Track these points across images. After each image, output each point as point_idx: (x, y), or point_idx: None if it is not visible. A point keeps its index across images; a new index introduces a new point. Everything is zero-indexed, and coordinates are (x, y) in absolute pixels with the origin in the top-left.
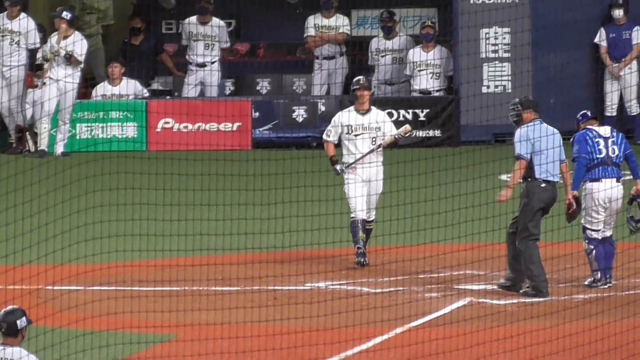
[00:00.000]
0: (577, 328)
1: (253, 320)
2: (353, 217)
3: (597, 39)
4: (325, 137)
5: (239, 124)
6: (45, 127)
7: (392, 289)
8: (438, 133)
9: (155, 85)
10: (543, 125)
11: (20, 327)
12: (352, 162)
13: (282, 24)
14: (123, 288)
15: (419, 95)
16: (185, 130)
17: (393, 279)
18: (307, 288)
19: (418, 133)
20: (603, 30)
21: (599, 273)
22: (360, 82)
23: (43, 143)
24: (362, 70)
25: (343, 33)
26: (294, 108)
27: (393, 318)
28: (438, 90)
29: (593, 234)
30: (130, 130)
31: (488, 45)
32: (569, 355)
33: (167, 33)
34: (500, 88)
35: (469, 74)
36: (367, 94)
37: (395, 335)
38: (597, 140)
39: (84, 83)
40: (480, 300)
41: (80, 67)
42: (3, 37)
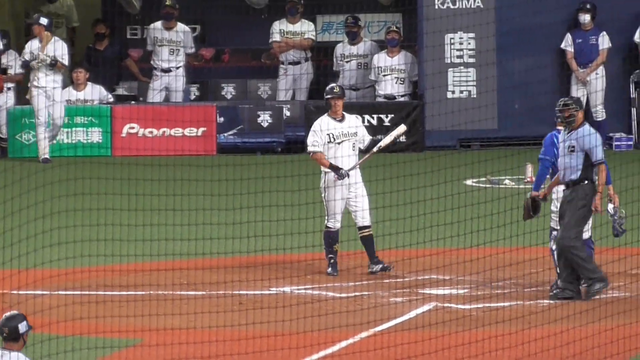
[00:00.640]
0: (542, 333)
1: (218, 325)
2: (329, 227)
3: (563, 45)
4: (313, 148)
5: (204, 129)
6: (43, 136)
7: (357, 294)
8: (403, 138)
9: (120, 91)
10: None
11: (22, 332)
12: (352, 165)
13: (247, 30)
14: (88, 293)
15: (384, 101)
16: (150, 136)
17: (358, 284)
18: (272, 292)
19: (383, 138)
20: (569, 36)
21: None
22: (334, 90)
23: (46, 152)
24: (327, 76)
25: (308, 38)
26: (259, 113)
27: (358, 322)
28: (403, 96)
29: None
30: (95, 136)
31: (453, 51)
32: None
33: (131, 38)
34: (465, 93)
35: (434, 80)
36: (340, 103)
37: (360, 340)
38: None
39: None
40: (446, 305)
41: (63, 70)
42: None
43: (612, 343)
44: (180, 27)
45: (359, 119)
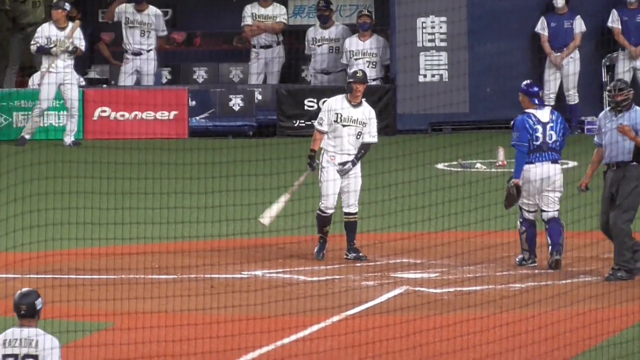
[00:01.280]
0: (513, 317)
1: (190, 309)
2: (322, 209)
3: (537, 28)
4: (318, 125)
5: (176, 113)
6: (38, 118)
7: (328, 278)
8: None
9: (92, 74)
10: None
11: (38, 308)
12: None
13: (218, 13)
14: (60, 276)
15: None
16: (122, 119)
17: (330, 267)
18: (243, 276)
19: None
20: (544, 19)
21: (528, 253)
22: (357, 75)
23: (30, 133)
24: (299, 60)
25: (280, 22)
26: (231, 97)
27: (329, 306)
28: (375, 80)
29: (528, 215)
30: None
31: (425, 35)
32: (505, 344)
33: (103, 22)
34: (437, 77)
35: (406, 63)
36: (362, 88)
37: (332, 324)
38: (536, 127)
39: (21, 72)
40: (417, 289)
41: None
42: None
43: (583, 327)
44: (152, 9)
45: (373, 113)
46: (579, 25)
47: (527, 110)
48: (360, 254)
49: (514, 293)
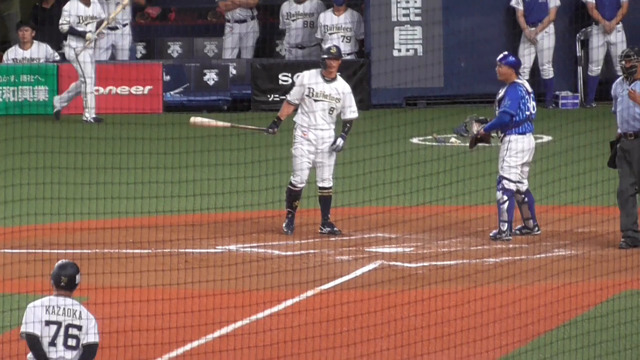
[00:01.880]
0: (488, 291)
1: (164, 283)
2: (293, 184)
3: (513, 3)
4: (288, 96)
5: (150, 88)
6: (92, 95)
7: (303, 252)
8: None
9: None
10: None
11: (77, 282)
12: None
13: None
14: (34, 251)
15: None
16: (97, 94)
17: (304, 242)
18: (218, 251)
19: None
20: None
21: (506, 225)
22: (331, 51)
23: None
24: (273, 34)
25: None
26: (205, 72)
27: (304, 281)
28: (349, 54)
29: (510, 185)
30: (42, 94)
31: (399, 9)
32: (480, 319)
33: None
34: (412, 52)
35: (380, 38)
36: (336, 64)
37: (306, 298)
38: (527, 98)
39: None
40: (392, 263)
41: None
42: None
43: (557, 302)
44: None
45: (348, 88)
46: (554, 0)
47: (516, 81)
48: (335, 229)
49: (489, 267)
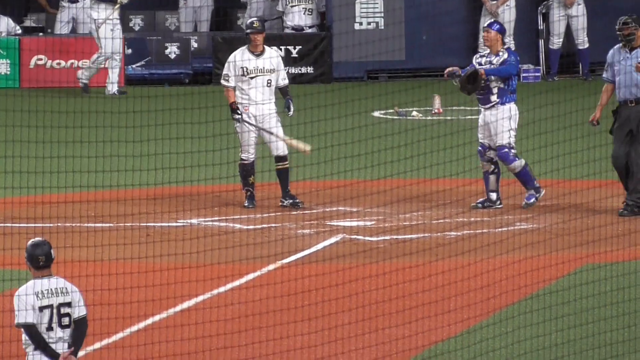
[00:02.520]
0: (450, 265)
1: (126, 257)
2: (243, 159)
3: None
4: (224, 82)
5: None
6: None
7: (264, 226)
8: (310, 70)
9: (28, 22)
10: None
11: (54, 256)
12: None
13: None
14: None
15: (292, 32)
16: (58, 67)
17: (266, 216)
18: (179, 225)
19: (290, 70)
20: None
21: (495, 194)
22: (254, 25)
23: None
24: (233, 8)
25: None
26: (167, 45)
27: (265, 255)
28: (311, 27)
29: (491, 154)
30: (3, 67)
31: None
32: (442, 292)
33: None
34: (373, 25)
35: (342, 11)
36: (259, 38)
37: (268, 272)
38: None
39: None
40: (353, 237)
41: None
42: None
43: (519, 275)
44: None
45: (279, 57)
46: None
47: (510, 47)
48: (297, 200)
49: (450, 241)
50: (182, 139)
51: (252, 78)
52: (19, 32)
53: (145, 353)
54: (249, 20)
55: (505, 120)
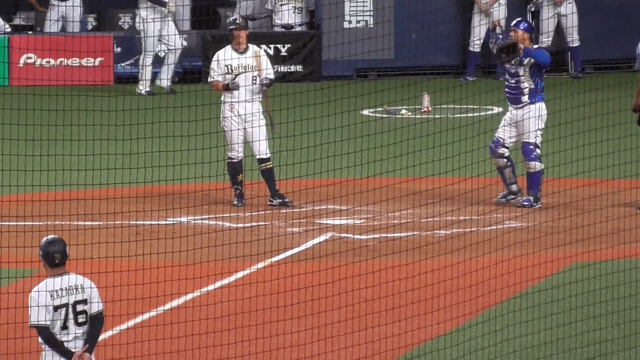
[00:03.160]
0: (438, 263)
1: (115, 255)
2: (231, 157)
3: None
4: (210, 79)
5: (101, 59)
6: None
7: (254, 224)
8: (300, 68)
9: (18, 21)
10: None
11: (68, 253)
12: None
13: None
14: None
15: (281, 30)
16: (48, 66)
17: (255, 214)
18: (169, 223)
19: (279, 68)
20: None
21: (515, 186)
22: (237, 21)
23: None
24: (224, 6)
25: None
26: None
27: (255, 253)
28: (300, 25)
29: (505, 151)
30: None
31: None
32: (431, 291)
33: None
34: (362, 23)
35: (331, 9)
36: (243, 34)
37: (257, 270)
38: None
39: None
40: (342, 235)
41: None
42: None
43: (508, 274)
44: None
45: (262, 52)
46: None
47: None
48: (286, 199)
49: (440, 239)
50: (171, 138)
51: (237, 75)
52: (9, 30)
53: (135, 351)
54: (232, 18)
55: (534, 120)
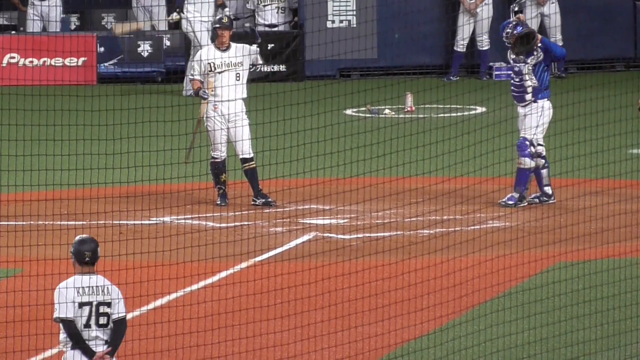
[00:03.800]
0: (422, 263)
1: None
2: (214, 157)
3: None
4: (191, 76)
5: (84, 59)
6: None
7: (237, 224)
8: (283, 68)
9: (0, 21)
10: None
11: (99, 255)
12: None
13: None
14: None
15: (264, 30)
16: (31, 66)
17: (238, 214)
18: (152, 223)
19: (263, 68)
20: None
21: (549, 187)
22: (222, 21)
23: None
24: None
25: None
26: (139, 43)
27: (238, 253)
28: (283, 24)
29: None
30: None
31: None
32: (414, 291)
33: None
34: (345, 23)
35: (314, 9)
36: (226, 34)
37: (241, 270)
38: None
39: None
40: (326, 235)
41: None
42: None
43: (492, 273)
44: None
45: (247, 49)
46: None
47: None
48: (269, 199)
49: (423, 239)
50: (154, 137)
51: (219, 73)
52: None
53: (118, 350)
54: (219, 17)
55: (535, 116)
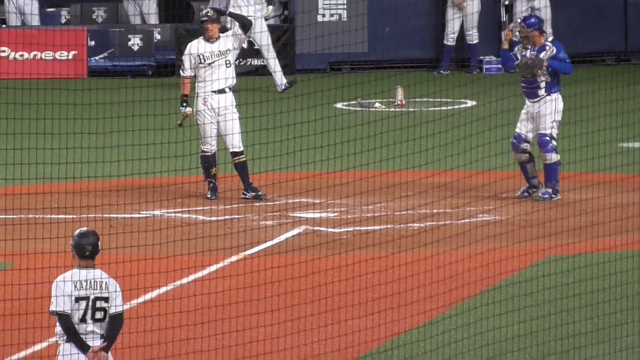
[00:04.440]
0: (412, 257)
1: None
2: (204, 151)
3: None
4: (182, 72)
5: (75, 53)
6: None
7: (227, 217)
8: None
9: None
10: None
11: (100, 248)
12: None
13: None
14: None
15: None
16: (21, 59)
17: (229, 207)
18: (142, 216)
19: (253, 62)
20: None
21: (556, 183)
22: (208, 14)
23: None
24: (197, 0)
25: None
26: (130, 36)
27: (228, 246)
28: (274, 17)
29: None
30: None
31: None
32: (404, 284)
33: None
34: (336, 17)
35: (304, 3)
36: (213, 27)
37: (231, 264)
38: None
39: None
40: (316, 229)
41: None
42: None
43: (481, 267)
44: None
45: (232, 38)
46: None
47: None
48: (259, 192)
49: (413, 233)
50: (144, 131)
51: (210, 64)
52: None
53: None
54: (204, 10)
55: (551, 111)
